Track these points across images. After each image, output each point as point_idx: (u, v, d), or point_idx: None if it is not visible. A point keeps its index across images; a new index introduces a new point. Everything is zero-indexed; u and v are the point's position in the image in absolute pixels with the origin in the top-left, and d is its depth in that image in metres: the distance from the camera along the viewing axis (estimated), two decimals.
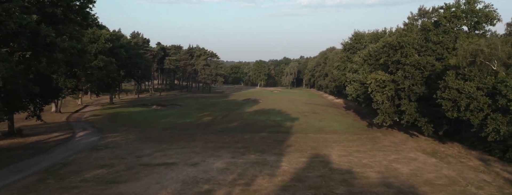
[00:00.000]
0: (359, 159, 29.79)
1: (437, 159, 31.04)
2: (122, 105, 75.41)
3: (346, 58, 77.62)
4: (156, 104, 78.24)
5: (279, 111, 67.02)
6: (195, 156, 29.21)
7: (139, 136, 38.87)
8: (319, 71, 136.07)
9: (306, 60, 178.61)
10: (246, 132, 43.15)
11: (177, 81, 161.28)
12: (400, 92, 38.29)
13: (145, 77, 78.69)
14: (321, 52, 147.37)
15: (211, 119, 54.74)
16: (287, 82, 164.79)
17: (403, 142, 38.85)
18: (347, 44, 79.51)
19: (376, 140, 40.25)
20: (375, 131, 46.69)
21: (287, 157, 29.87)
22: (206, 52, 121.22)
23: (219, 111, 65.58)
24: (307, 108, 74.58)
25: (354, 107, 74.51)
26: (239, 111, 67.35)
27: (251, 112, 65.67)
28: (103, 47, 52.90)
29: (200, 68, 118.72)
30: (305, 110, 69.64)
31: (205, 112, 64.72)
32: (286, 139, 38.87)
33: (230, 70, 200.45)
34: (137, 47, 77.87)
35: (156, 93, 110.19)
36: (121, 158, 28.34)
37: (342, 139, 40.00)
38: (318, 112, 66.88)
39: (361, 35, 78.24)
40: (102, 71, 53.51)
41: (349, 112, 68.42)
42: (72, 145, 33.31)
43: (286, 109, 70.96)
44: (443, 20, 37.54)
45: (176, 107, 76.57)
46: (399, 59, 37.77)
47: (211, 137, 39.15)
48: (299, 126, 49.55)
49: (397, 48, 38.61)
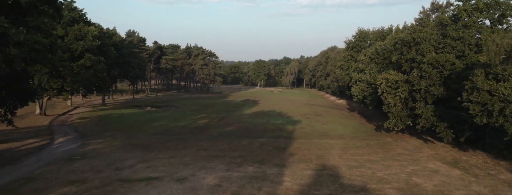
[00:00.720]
0: (373, 172, 25.70)
1: (462, 170, 26.96)
2: (115, 106, 71.35)
3: (350, 57, 73.55)
4: (150, 105, 74.18)
5: (280, 113, 62.95)
6: (183, 169, 25.12)
7: (125, 143, 34.77)
8: (320, 71, 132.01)
9: (306, 60, 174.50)
10: (244, 137, 39.07)
11: (175, 82, 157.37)
12: (415, 94, 34.19)
13: (139, 77, 74.64)
14: (322, 51, 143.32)
15: (206, 122, 50.65)
16: (288, 82, 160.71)
17: (417, 149, 34.75)
18: (350, 42, 75.41)
19: (387, 146, 36.16)
20: (384, 135, 42.61)
21: (290, 169, 25.78)
22: (204, 51, 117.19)
23: (216, 113, 61.49)
24: (309, 109, 70.50)
25: (358, 108, 70.44)
26: (238, 112, 63.26)
27: (250, 114, 61.60)
28: (90, 45, 48.78)
29: (198, 68, 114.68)
30: (307, 112, 65.55)
31: (201, 114, 60.63)
32: (288, 146, 34.78)
33: (229, 70, 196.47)
34: (130, 46, 73.77)
35: (152, 94, 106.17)
36: (97, 171, 24.26)
37: (350, 146, 35.91)
38: (321, 114, 62.78)
39: (365, 33, 74.16)
40: (90, 71, 49.49)
41: (353, 114, 64.32)
42: (46, 155, 29.20)
43: (287, 110, 66.89)
44: (463, 13, 33.43)
45: (171, 108, 72.52)
46: (414, 57, 33.66)
47: (205, 144, 35.05)
48: (301, 130, 45.47)
49: (412, 45, 34.52)
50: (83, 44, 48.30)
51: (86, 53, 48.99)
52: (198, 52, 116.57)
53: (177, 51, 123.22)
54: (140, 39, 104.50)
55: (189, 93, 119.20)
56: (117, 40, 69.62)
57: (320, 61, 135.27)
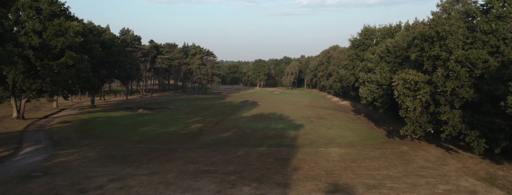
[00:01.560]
0: (397, 194, 20.74)
1: (503, 190, 22.02)
2: (105, 108, 66.38)
3: (355, 56, 68.61)
4: (142, 107, 69.18)
5: (281, 116, 57.99)
6: (164, 191, 20.14)
7: (102, 153, 29.78)
8: (322, 71, 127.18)
9: (307, 59, 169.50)
10: (240, 146, 34.12)
11: (172, 81, 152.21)
12: (439, 97, 29.22)
13: (130, 77, 69.61)
14: (324, 50, 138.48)
15: (200, 127, 45.67)
16: (288, 82, 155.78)
17: (441, 161, 29.78)
18: (356, 40, 70.46)
19: (405, 157, 31.18)
20: (398, 143, 37.65)
21: (295, 190, 20.79)
22: (202, 50, 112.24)
23: (211, 116, 56.49)
24: (312, 112, 65.51)
25: (365, 111, 65.48)
26: (235, 116, 58.28)
27: (248, 117, 56.62)
28: (72, 42, 43.79)
29: (195, 68, 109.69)
30: (310, 115, 60.57)
31: (195, 117, 55.65)
32: (291, 157, 29.83)
33: (228, 70, 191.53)
34: (122, 44, 68.65)
35: (148, 95, 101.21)
36: (54, 194, 19.30)
37: (363, 156, 30.94)
38: (325, 117, 57.79)
39: (371, 31, 69.23)
40: (71, 70, 44.54)
41: (360, 117, 59.33)
42: (2, 170, 24.23)
43: (288, 113, 61.93)
44: (495, 3, 28.46)
45: (165, 110, 67.56)
46: (439, 53, 28.68)
47: (195, 155, 30.08)
48: (305, 136, 40.52)
49: (435, 39, 29.53)
50: (64, 41, 43.30)
51: (67, 51, 44.03)
52: (196, 52, 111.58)
53: (174, 50, 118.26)
54: (134, 38, 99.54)
55: (186, 94, 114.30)
56: (106, 38, 64.60)
57: (322, 60, 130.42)
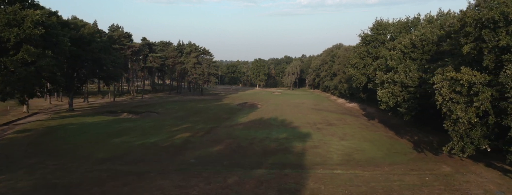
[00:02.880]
0: None
1: None
2: (84, 112, 58.06)
3: (366, 54, 60.38)
4: (128, 111, 60.89)
5: (283, 122, 49.74)
6: None
7: (40, 182, 21.46)
8: (325, 71, 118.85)
9: (309, 58, 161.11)
10: (233, 167, 25.84)
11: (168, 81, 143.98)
12: (506, 105, 20.92)
13: (113, 77, 61.23)
14: (327, 49, 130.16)
15: (187, 137, 37.41)
16: (289, 82, 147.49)
17: (507, 190, 21.54)
18: (367, 36, 62.18)
19: (453, 184, 22.88)
20: (434, 160, 29.36)
21: None
22: (198, 48, 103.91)
23: (203, 122, 48.20)
24: (318, 116, 57.23)
25: (378, 115, 57.21)
26: (230, 121, 50.00)
27: (246, 123, 48.36)
28: (29, 34, 35.54)
29: (190, 67, 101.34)
30: (317, 120, 52.30)
31: (184, 123, 47.40)
32: (300, 186, 21.56)
33: (227, 69, 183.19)
34: (103, 41, 60.21)
35: (138, 96, 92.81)
36: None
37: (397, 184, 22.62)
38: (334, 123, 49.51)
39: (384, 25, 60.91)
40: (30, 69, 36.31)
41: (374, 123, 51.06)
42: None
43: (291, 118, 53.69)
44: None
45: (152, 114, 59.32)
46: (509, 43, 20.39)
47: (169, 183, 21.76)
48: (314, 150, 32.24)
49: (500, 25, 21.23)
50: (19, 33, 35.04)
51: (24, 45, 35.78)
52: (191, 50, 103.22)
53: (168, 48, 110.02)
54: (124, 35, 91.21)
55: (181, 95, 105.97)
56: (85, 33, 56.32)
57: (325, 60, 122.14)
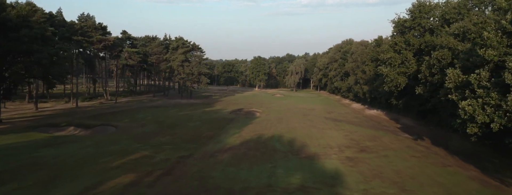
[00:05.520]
0: None
1: None
2: (14, 125, 40.76)
3: (405, 46, 43.26)
4: (76, 124, 43.59)
5: (292, 144, 32.48)
6: None
7: None
8: (334, 70, 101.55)
9: (314, 56, 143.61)
10: None
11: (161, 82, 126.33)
12: None
13: (54, 76, 43.59)
14: (336, 45, 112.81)
15: (125, 186, 20.09)
16: (292, 83, 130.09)
17: None
18: (405, 21, 45.03)
19: None
20: None
21: None
22: (186, 43, 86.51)
23: (171, 147, 30.94)
24: (341, 133, 39.91)
25: (419, 129, 40.00)
26: (213, 144, 32.66)
27: (236, 147, 31.06)
28: None
29: (176, 65, 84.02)
30: (341, 140, 34.99)
31: (142, 148, 30.17)
32: None
33: (222, 68, 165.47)
34: (42, 28, 42.59)
35: (112, 100, 75.41)
36: None
37: None
38: (369, 148, 32.19)
39: (429, 7, 43.72)
40: None
41: (428, 146, 33.75)
42: None
43: (303, 136, 36.43)
44: None
45: (109, 129, 42.23)
46: None
47: None
48: None
49: None
50: None
51: None
52: (178, 45, 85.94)
53: (152, 44, 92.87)
54: (95, 26, 73.93)
55: (167, 98, 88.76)
56: (12, 15, 39.02)
57: (334, 57, 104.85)
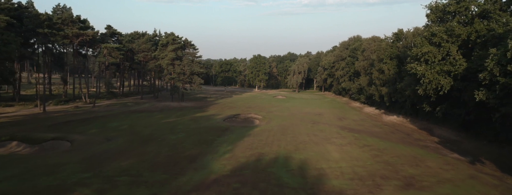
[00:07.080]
0: None
1: None
2: None
3: (447, 37, 33.16)
4: (20, 138, 33.51)
5: (303, 173, 22.33)
6: None
7: None
8: (341, 69, 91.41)
9: (318, 55, 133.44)
10: None
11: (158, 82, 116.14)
12: None
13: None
14: (343, 42, 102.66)
15: None
16: (295, 83, 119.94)
17: None
18: (445, 6, 35.00)
19: None
20: None
21: None
22: (177, 40, 76.25)
23: (127, 182, 20.88)
24: (368, 152, 29.78)
25: (466, 144, 29.92)
26: (190, 176, 22.50)
27: (223, 178, 20.95)
28: None
29: (166, 64, 73.93)
30: (374, 167, 24.88)
31: (85, 182, 20.13)
32: None
33: (220, 68, 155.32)
34: None
35: (90, 104, 65.37)
36: None
37: None
38: (417, 180, 22.09)
39: None
40: None
41: (496, 173, 23.77)
42: None
43: (317, 157, 26.30)
44: None
45: (62, 144, 32.39)
46: None
47: None
48: None
49: None
50: None
51: None
52: (168, 42, 75.82)
53: (139, 40, 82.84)
54: (72, 19, 64.13)
55: (155, 100, 78.85)
56: None
57: (341, 55, 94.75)
